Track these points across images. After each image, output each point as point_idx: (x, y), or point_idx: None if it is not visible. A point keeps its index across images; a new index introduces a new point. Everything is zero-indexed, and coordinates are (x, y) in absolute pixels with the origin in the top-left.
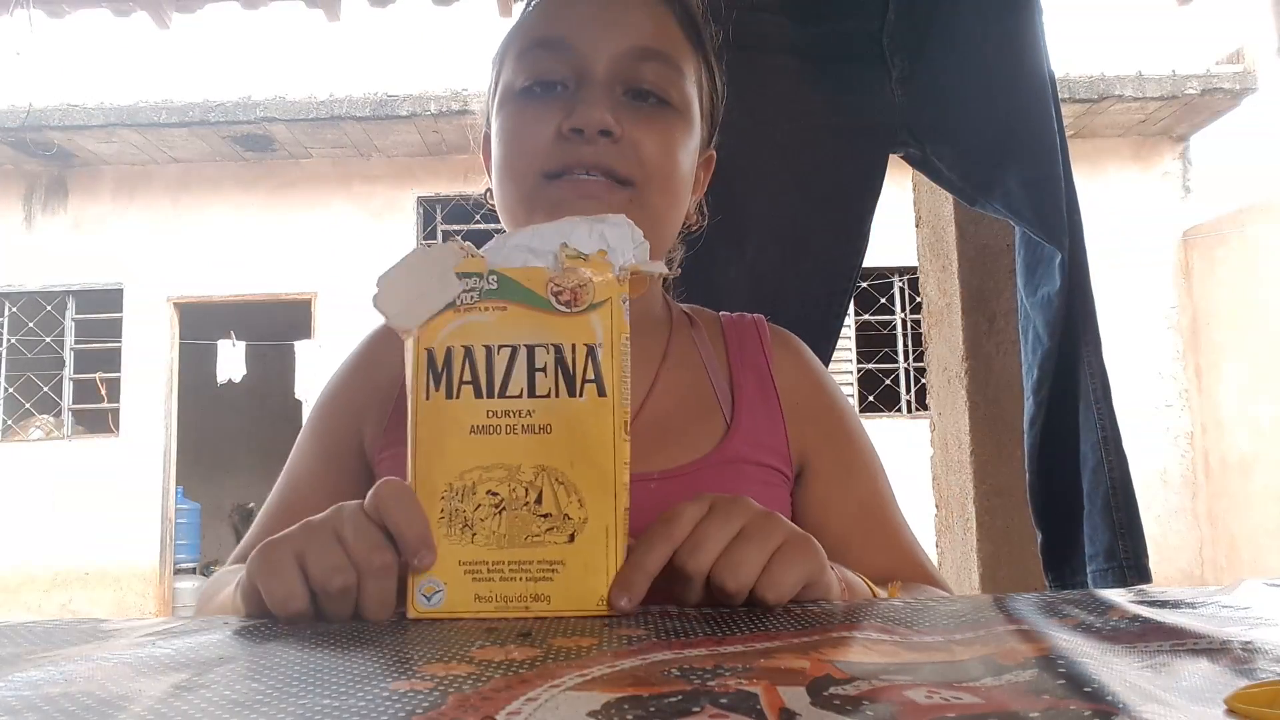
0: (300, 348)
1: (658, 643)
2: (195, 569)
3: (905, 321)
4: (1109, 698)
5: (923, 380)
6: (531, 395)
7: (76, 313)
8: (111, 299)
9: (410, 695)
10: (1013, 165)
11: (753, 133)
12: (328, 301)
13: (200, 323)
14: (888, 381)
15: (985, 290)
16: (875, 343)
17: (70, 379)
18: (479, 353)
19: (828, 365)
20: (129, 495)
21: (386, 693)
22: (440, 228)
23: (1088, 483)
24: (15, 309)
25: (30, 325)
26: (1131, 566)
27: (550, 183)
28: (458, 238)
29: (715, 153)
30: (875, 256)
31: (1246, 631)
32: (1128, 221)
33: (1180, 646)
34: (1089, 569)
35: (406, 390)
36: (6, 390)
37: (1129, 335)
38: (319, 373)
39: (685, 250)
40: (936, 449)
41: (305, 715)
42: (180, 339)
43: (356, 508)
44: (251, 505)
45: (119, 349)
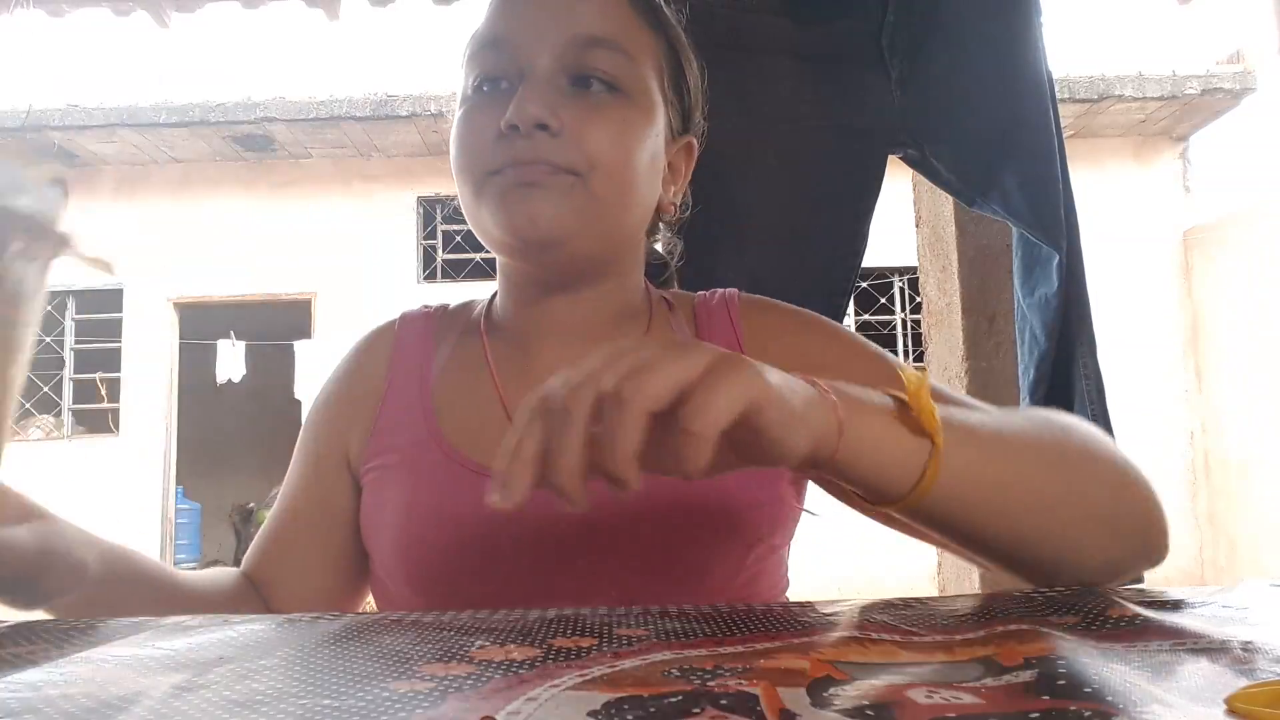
0: (300, 348)
1: (658, 643)
2: (195, 569)
3: (905, 321)
4: (1109, 698)
5: None
6: None
7: (76, 313)
8: (111, 299)
9: (410, 695)
10: (1011, 166)
11: (752, 133)
12: (328, 301)
13: (200, 323)
14: None
15: (985, 290)
16: (875, 342)
17: (70, 379)
18: None
19: None
20: (129, 495)
21: (386, 693)
22: (440, 227)
23: None
24: None
25: None
26: None
27: (495, 176)
28: None
29: (696, 141)
30: (875, 256)
31: (1246, 631)
32: (1128, 221)
33: (1180, 646)
34: None
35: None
36: None
37: (1129, 335)
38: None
39: (683, 245)
40: None
41: (305, 715)
42: (180, 339)
43: None
44: (251, 505)
45: (119, 349)
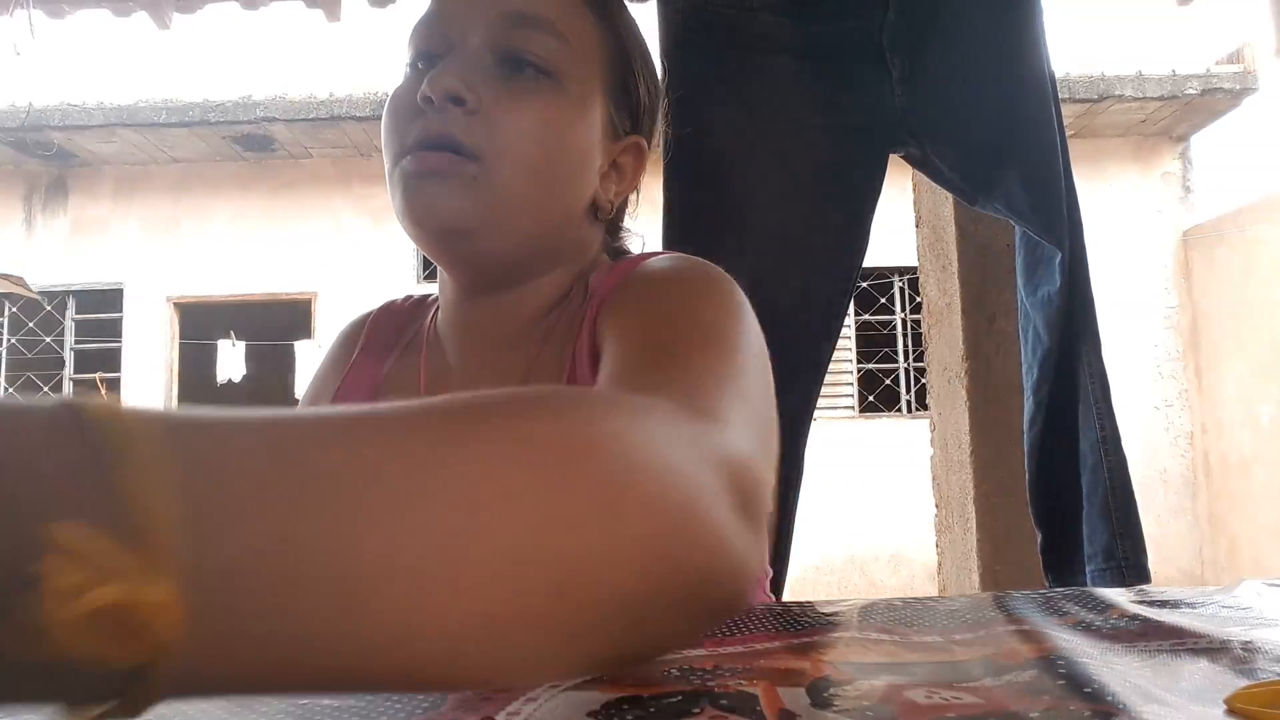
0: (300, 348)
1: None
2: None
3: (905, 321)
4: (1109, 698)
5: (923, 380)
6: None
7: (76, 313)
8: (111, 299)
9: (410, 696)
10: (1013, 165)
11: (752, 133)
12: (328, 302)
13: (200, 323)
14: (888, 381)
15: (985, 290)
16: (875, 343)
17: (70, 379)
18: None
19: (826, 366)
20: None
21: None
22: None
23: (1086, 483)
24: (15, 309)
25: (30, 325)
26: (1130, 566)
27: (400, 162)
28: None
29: (645, 142)
30: (875, 256)
31: (1246, 631)
32: (1128, 221)
33: (1180, 646)
34: (1088, 569)
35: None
36: (6, 390)
37: (1129, 335)
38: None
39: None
40: (936, 449)
41: (305, 715)
42: (180, 339)
43: None
44: None
45: (119, 349)
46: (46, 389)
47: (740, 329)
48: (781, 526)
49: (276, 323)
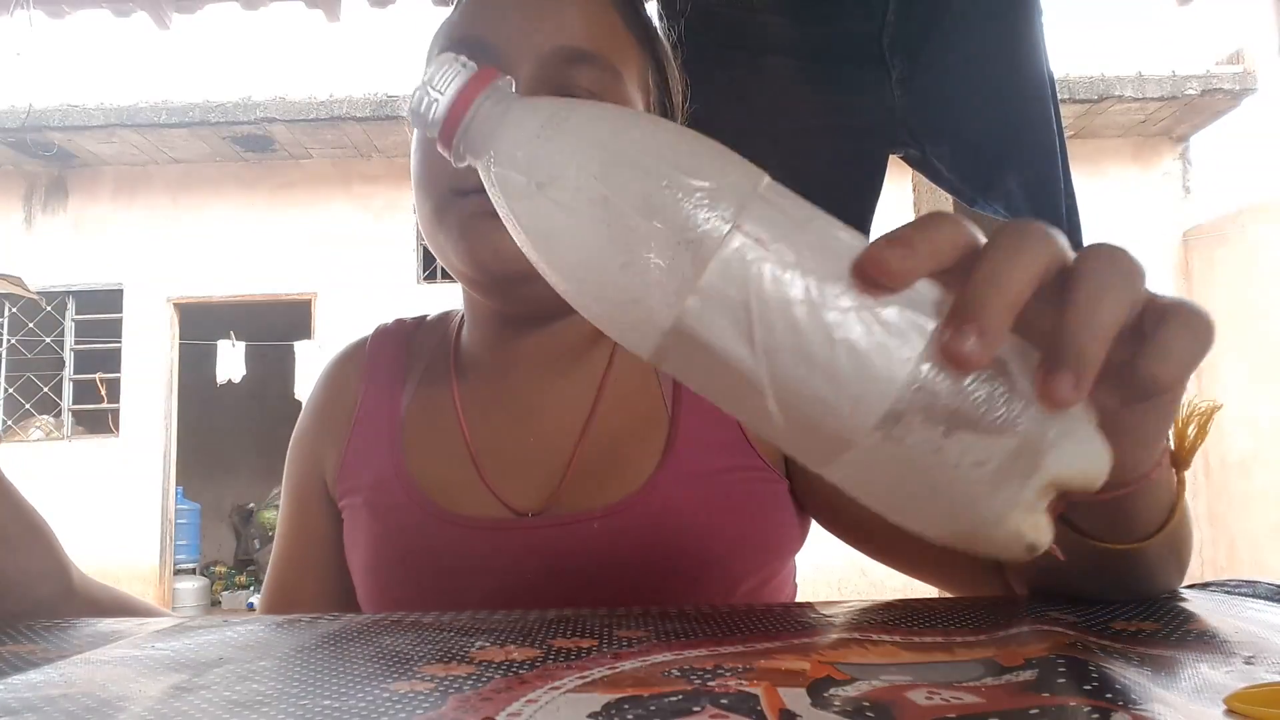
0: (300, 348)
1: (657, 643)
2: (195, 569)
3: None
4: (1109, 697)
5: None
6: None
7: (76, 313)
8: (111, 299)
9: (410, 696)
10: (1012, 166)
11: (752, 133)
12: (328, 302)
13: (200, 323)
14: None
15: None
16: None
17: (70, 379)
18: None
19: None
20: (129, 496)
21: (386, 693)
22: None
23: None
24: (15, 309)
25: (30, 325)
26: None
27: (460, 198)
28: None
29: None
30: None
31: (1247, 632)
32: (1128, 222)
33: (1180, 646)
34: None
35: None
36: (6, 390)
37: None
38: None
39: None
40: None
41: (305, 715)
42: (180, 339)
43: None
44: (251, 505)
45: (119, 349)
46: (46, 389)
47: None
48: None
49: (276, 323)
